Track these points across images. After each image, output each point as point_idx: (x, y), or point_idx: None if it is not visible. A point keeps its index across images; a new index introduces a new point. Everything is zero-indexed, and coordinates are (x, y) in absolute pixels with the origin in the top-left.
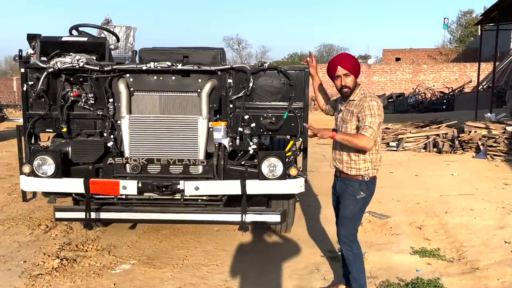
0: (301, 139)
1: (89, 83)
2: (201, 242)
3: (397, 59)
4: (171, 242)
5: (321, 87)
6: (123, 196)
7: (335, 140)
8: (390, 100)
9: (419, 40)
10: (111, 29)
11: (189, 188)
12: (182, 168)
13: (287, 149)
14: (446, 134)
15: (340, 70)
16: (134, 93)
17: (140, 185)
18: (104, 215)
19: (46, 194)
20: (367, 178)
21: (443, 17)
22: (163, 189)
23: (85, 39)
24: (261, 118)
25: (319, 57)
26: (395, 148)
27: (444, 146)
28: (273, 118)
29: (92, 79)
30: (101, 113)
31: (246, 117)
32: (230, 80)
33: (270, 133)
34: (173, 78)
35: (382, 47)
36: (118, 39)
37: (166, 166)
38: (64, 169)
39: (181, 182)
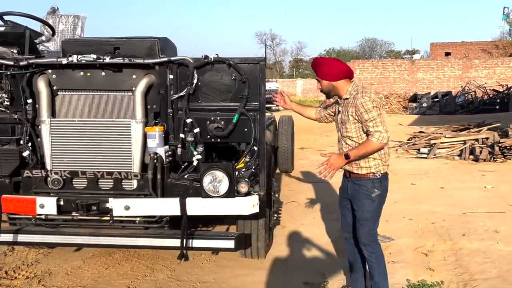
0: (256, 148)
1: (4, 80)
2: (155, 269)
3: (447, 54)
4: (119, 268)
5: (301, 107)
6: (42, 216)
7: (350, 162)
8: (435, 100)
9: (473, 32)
10: (50, 19)
11: (118, 207)
12: (112, 183)
13: (242, 159)
14: (487, 139)
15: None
16: (58, 93)
17: (62, 203)
18: (22, 238)
19: None
20: (379, 175)
21: (502, 7)
22: (91, 207)
23: (2, 29)
24: (208, 122)
25: (361, 52)
26: (425, 156)
27: (482, 153)
28: (222, 122)
29: (8, 76)
30: (17, 116)
31: (189, 120)
32: (171, 76)
33: (218, 140)
34: (103, 74)
35: (429, 41)
36: (53, 31)
37: (94, 181)
38: None
39: (110, 200)
